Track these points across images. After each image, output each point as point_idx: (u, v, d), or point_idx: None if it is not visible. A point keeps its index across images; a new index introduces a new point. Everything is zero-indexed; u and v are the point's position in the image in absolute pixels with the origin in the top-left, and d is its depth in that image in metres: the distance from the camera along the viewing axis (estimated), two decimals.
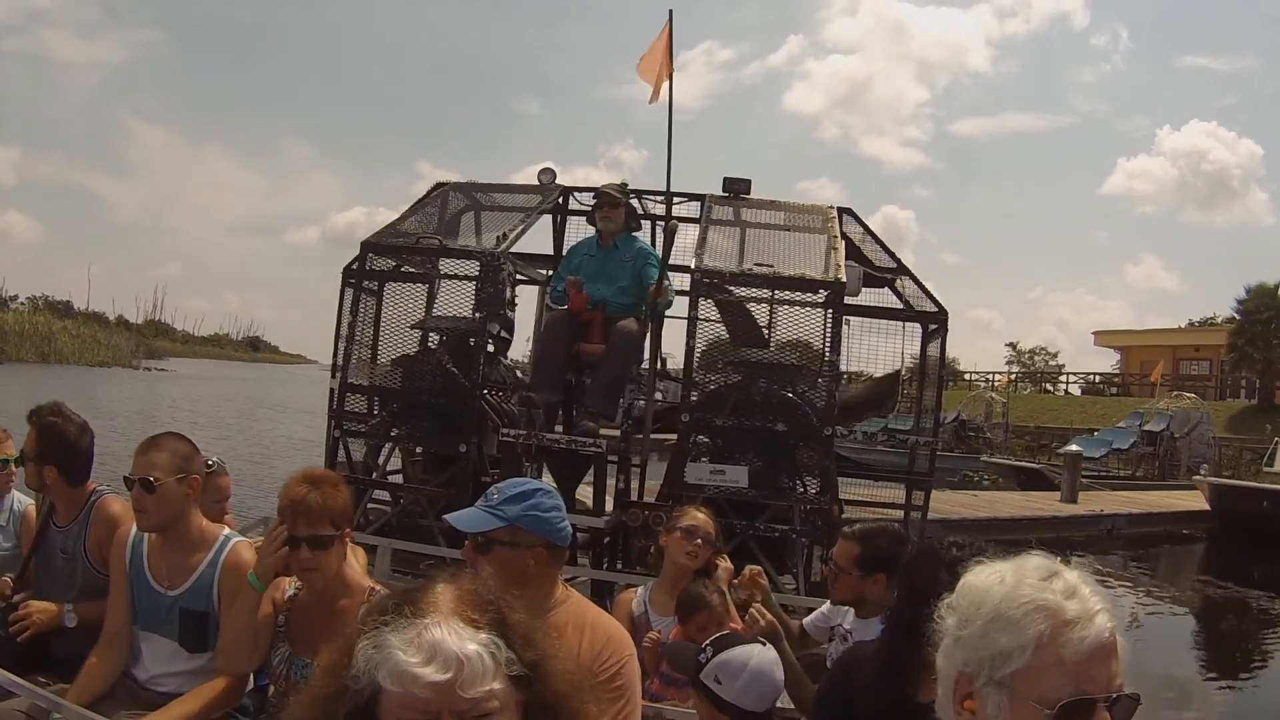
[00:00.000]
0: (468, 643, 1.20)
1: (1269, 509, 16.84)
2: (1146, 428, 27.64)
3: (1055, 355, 60.22)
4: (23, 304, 76.31)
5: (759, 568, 3.73)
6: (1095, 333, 54.96)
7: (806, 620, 3.75)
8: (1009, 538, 13.65)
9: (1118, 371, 51.17)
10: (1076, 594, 1.27)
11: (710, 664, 2.52)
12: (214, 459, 4.06)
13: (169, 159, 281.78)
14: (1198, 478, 20.44)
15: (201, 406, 37.53)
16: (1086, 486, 19.75)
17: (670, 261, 6.93)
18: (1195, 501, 18.93)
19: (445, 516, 2.42)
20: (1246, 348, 35.99)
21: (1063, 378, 52.81)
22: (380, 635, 1.21)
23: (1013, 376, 50.99)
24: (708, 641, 2.67)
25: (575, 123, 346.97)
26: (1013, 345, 59.26)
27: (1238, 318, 37.58)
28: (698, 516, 3.75)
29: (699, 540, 3.67)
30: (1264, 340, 35.20)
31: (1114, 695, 1.24)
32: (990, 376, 49.76)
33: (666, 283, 6.34)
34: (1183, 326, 53.37)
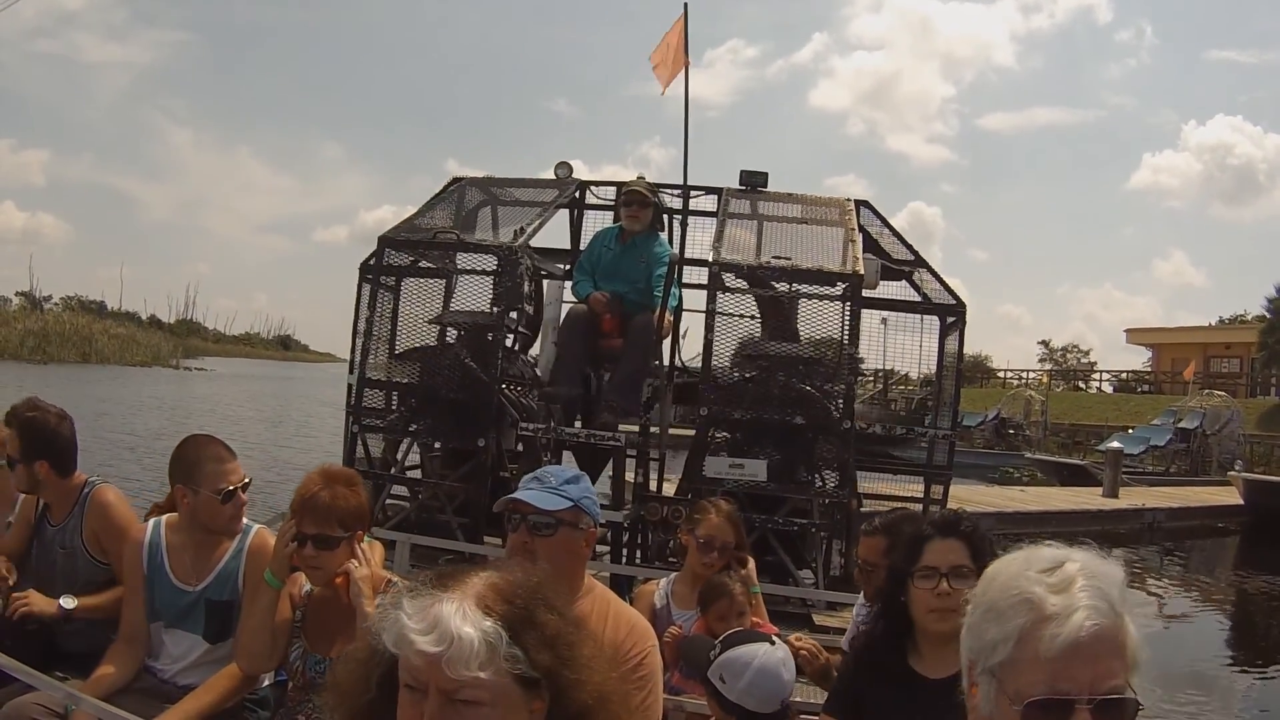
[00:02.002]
0: (467, 625, 1.20)
1: None
2: (1180, 425, 27.98)
3: (1088, 353, 60.32)
4: (56, 304, 76.56)
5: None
6: (1127, 330, 55.56)
7: (844, 643, 3.70)
8: (1059, 530, 14.42)
9: (1150, 369, 51.38)
10: (1067, 589, 1.24)
11: (716, 661, 2.49)
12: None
13: (198, 160, 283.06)
14: (1232, 474, 20.97)
15: (268, 403, 38.08)
16: (1125, 483, 20.16)
17: (687, 255, 6.92)
18: (1230, 496, 19.51)
19: (511, 496, 2.35)
20: (1277, 345, 36.90)
21: (1095, 375, 53.14)
22: (400, 599, 1.25)
23: (1048, 375, 50.95)
24: (719, 638, 2.64)
25: (603, 121, 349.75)
26: (1045, 343, 59.19)
27: (1268, 316, 38.57)
28: (715, 524, 3.70)
29: (714, 553, 3.65)
30: None
31: (1097, 697, 1.20)
32: (1023, 374, 49.72)
33: (670, 316, 6.36)
34: (1213, 324, 53.75)
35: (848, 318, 6.12)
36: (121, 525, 3.20)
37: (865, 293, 6.27)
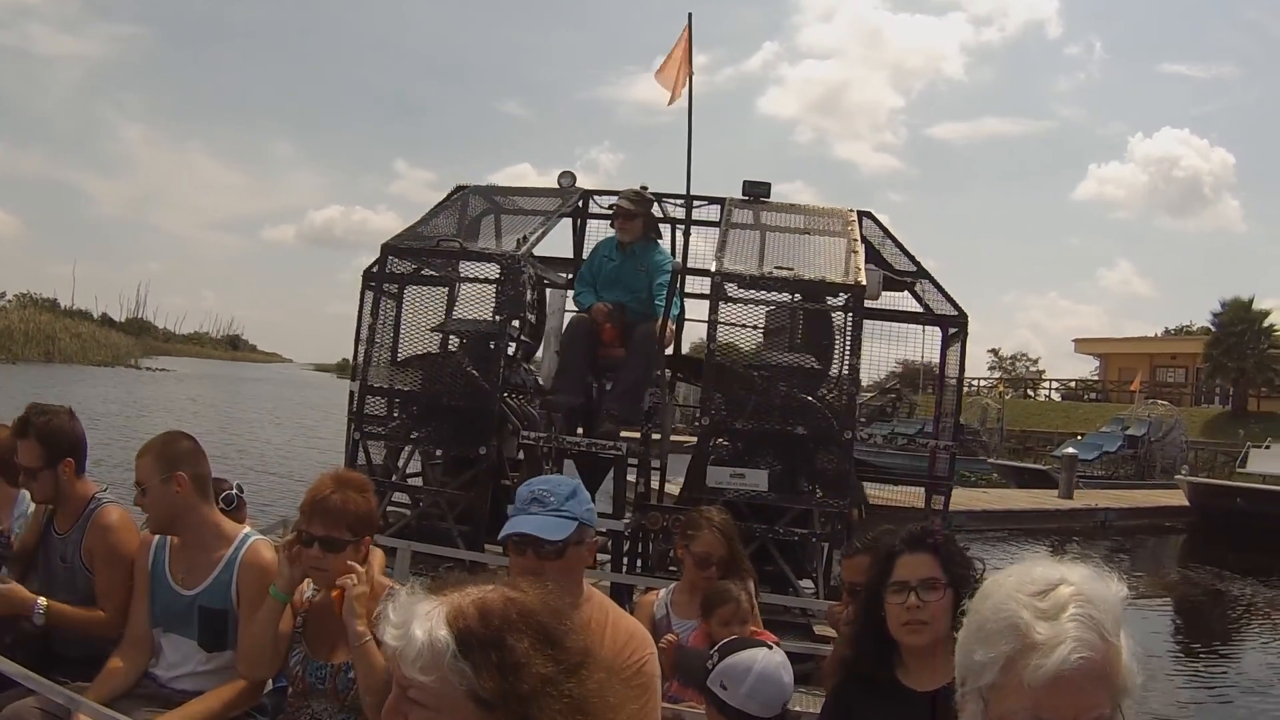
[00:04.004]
0: (421, 628, 1.25)
1: (1242, 505, 19.40)
2: (1129, 432, 29.69)
3: (1036, 361, 61.02)
4: (10, 301, 74.33)
5: None
6: (1076, 340, 56.60)
7: None
8: (1023, 526, 17.22)
9: (1098, 378, 52.69)
10: (1056, 617, 1.22)
11: (716, 669, 2.51)
12: (236, 487, 4.05)
13: (150, 155, 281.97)
14: (1179, 477, 23.24)
15: (256, 404, 38.29)
16: (1079, 485, 22.21)
17: (690, 264, 6.93)
18: (1176, 498, 21.53)
19: (521, 532, 2.31)
20: (1222, 358, 38.57)
21: (1045, 383, 54.23)
22: (401, 592, 1.32)
23: (1003, 382, 51.60)
24: (714, 647, 2.65)
25: (554, 124, 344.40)
26: (995, 351, 59.30)
27: (1213, 329, 40.23)
28: (709, 540, 3.69)
29: (712, 568, 3.66)
30: (1238, 351, 37.88)
31: None
32: (973, 382, 50.38)
33: (671, 325, 6.36)
34: (1159, 335, 55.15)
35: (850, 328, 6.14)
36: (115, 552, 3.15)
37: (867, 303, 6.28)
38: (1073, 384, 52.56)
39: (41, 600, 3.06)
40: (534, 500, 2.36)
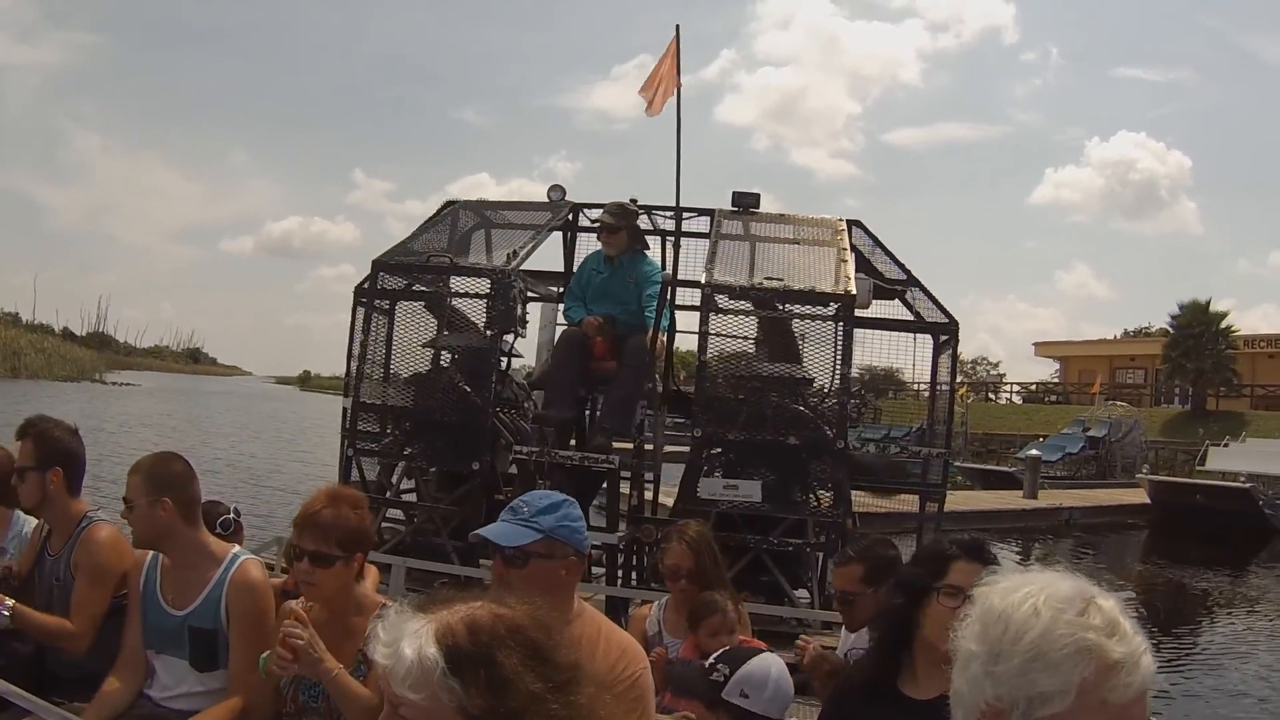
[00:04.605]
0: (410, 646, 1.26)
1: (1201, 501, 20.56)
2: (1090, 433, 30.65)
3: (997, 365, 61.57)
4: None
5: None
6: (1036, 343, 57.68)
7: None
8: (991, 526, 17.55)
9: (1058, 380, 53.57)
10: (1118, 631, 1.22)
11: (732, 680, 2.54)
12: (233, 511, 4.05)
13: (107, 165, 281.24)
14: (1140, 476, 24.49)
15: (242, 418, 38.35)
16: (1043, 486, 23.10)
17: (680, 276, 6.94)
18: (1138, 496, 22.64)
19: (478, 532, 2.38)
20: (1180, 359, 39.68)
21: (1005, 386, 55.31)
22: (390, 610, 1.33)
23: (967, 387, 52.41)
24: (714, 660, 2.66)
25: (512, 132, 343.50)
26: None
27: (1171, 331, 41.30)
28: (677, 552, 3.68)
29: (682, 580, 3.66)
30: (1196, 353, 39.00)
31: None
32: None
33: (662, 336, 6.36)
34: (1118, 337, 57.01)
35: (840, 337, 6.15)
36: (97, 568, 3.16)
37: (858, 312, 6.30)
38: (1033, 386, 53.55)
39: (9, 601, 3.06)
40: (510, 509, 2.39)
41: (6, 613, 3.05)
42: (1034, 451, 24.56)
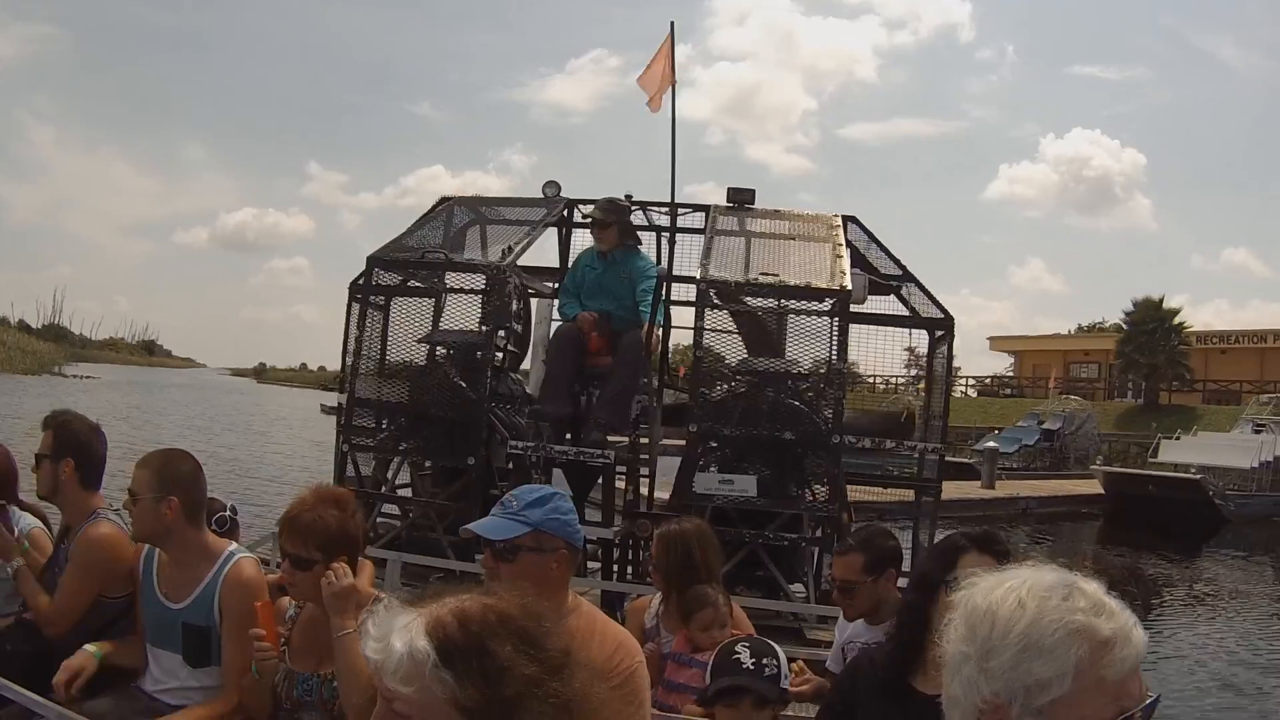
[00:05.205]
0: (401, 640, 1.26)
1: (1153, 491, 21.65)
2: (1045, 426, 31.66)
3: (952, 358, 61.98)
4: None
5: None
6: (990, 338, 58.78)
7: (829, 664, 3.70)
8: (951, 515, 17.75)
9: (1012, 374, 54.85)
10: (1105, 609, 1.23)
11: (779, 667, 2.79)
12: (229, 509, 4.04)
13: (63, 159, 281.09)
14: (1095, 467, 25.54)
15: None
16: (1000, 477, 23.99)
17: (675, 272, 6.95)
18: (1092, 487, 23.73)
19: (467, 527, 2.41)
20: (1134, 354, 41.16)
21: (961, 380, 55.85)
22: (379, 606, 1.32)
23: (921, 380, 52.88)
24: (752, 657, 2.77)
25: (467, 126, 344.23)
26: (910, 350, 60.03)
27: (1125, 327, 42.56)
28: (654, 547, 3.76)
29: (658, 575, 3.71)
30: (1149, 348, 40.46)
31: (1145, 701, 1.23)
32: (891, 380, 51.60)
33: (658, 330, 6.36)
34: (1072, 332, 58.46)
35: (836, 333, 6.16)
36: (87, 562, 3.18)
37: (853, 308, 6.31)
38: (988, 380, 54.42)
39: (19, 560, 3.21)
40: (500, 504, 2.41)
41: (12, 569, 3.20)
42: (991, 443, 25.58)
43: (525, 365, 7.53)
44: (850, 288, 6.23)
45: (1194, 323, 44.50)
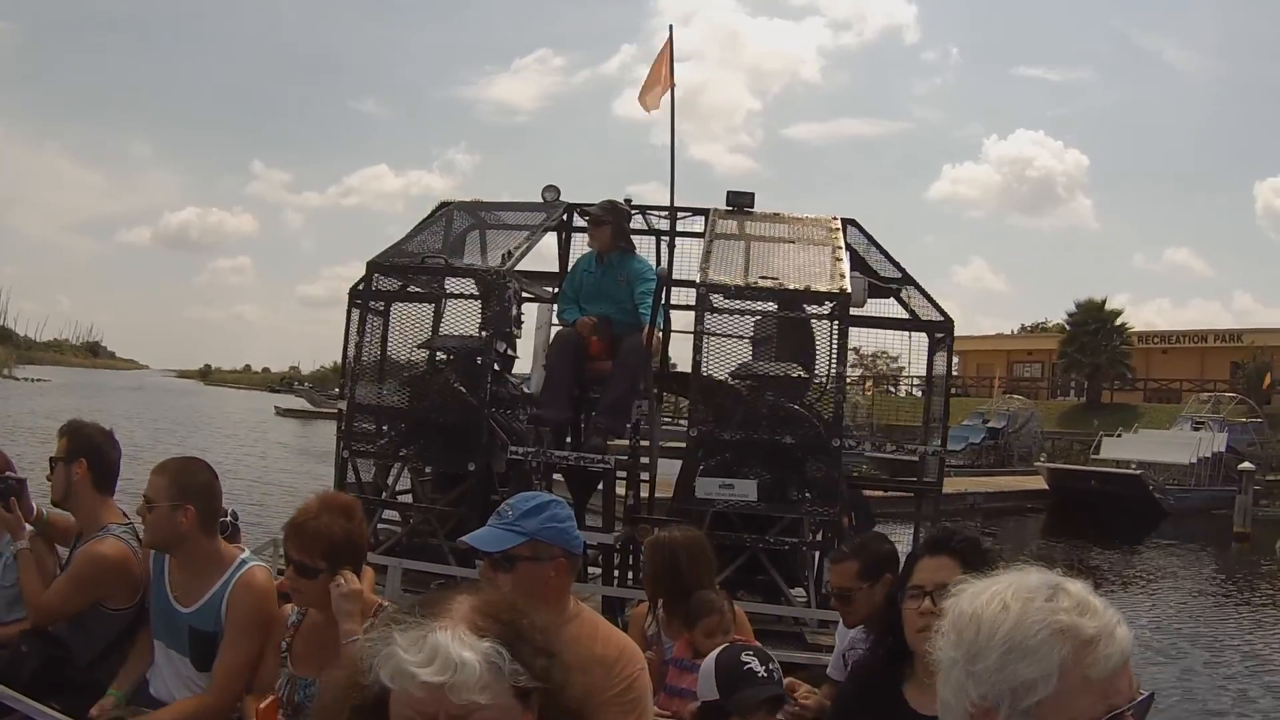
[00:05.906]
0: (466, 649, 1.21)
1: (1095, 486, 22.92)
2: (990, 425, 32.80)
3: (897, 358, 62.27)
4: None
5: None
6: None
7: (830, 670, 3.68)
8: (899, 510, 17.62)
9: (957, 374, 55.08)
10: (1089, 609, 1.23)
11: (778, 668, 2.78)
12: (230, 514, 4.03)
13: (6, 155, 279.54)
14: (1039, 463, 27.05)
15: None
16: (947, 474, 23.23)
17: (675, 275, 6.95)
18: (1037, 483, 25.06)
19: (463, 539, 2.40)
20: (1076, 354, 41.88)
21: (906, 380, 56.26)
22: (389, 633, 1.24)
23: (873, 381, 53.71)
24: (766, 667, 2.74)
25: (412, 124, 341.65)
26: (856, 350, 60.58)
27: (1068, 328, 43.37)
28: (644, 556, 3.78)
29: (650, 583, 3.71)
30: (1091, 348, 41.17)
31: (1134, 699, 1.22)
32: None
33: (658, 332, 6.35)
34: (1015, 332, 59.33)
35: (835, 336, 6.15)
36: (83, 573, 3.17)
37: (853, 311, 6.30)
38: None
39: (24, 542, 3.26)
40: (496, 513, 2.38)
41: (15, 549, 3.25)
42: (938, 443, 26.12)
43: (524, 368, 7.52)
44: (850, 290, 6.23)
45: (1136, 321, 45.94)
